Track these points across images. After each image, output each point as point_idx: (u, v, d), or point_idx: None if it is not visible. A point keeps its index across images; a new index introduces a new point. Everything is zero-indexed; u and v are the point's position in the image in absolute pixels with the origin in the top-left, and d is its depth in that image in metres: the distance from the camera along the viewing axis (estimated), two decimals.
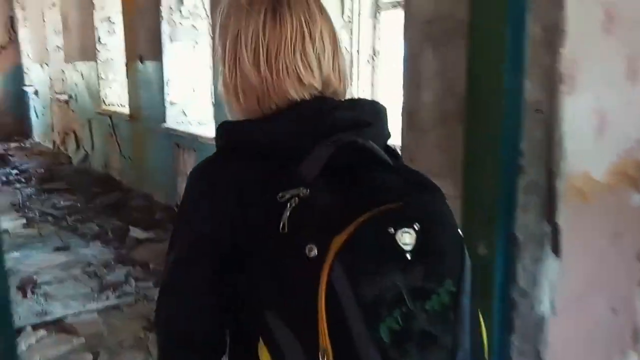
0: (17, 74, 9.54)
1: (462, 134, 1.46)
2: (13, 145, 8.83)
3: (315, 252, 0.62)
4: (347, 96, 0.84)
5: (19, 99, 9.58)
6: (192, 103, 4.73)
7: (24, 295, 3.21)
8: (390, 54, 3.39)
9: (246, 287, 0.72)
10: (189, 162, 4.47)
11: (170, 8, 4.56)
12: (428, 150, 1.73)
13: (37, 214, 4.96)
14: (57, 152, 7.96)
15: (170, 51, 4.65)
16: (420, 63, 1.73)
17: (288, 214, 0.65)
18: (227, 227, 0.72)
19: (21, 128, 9.60)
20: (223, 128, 0.79)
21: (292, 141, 0.73)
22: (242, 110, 0.80)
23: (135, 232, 4.20)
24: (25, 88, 9.25)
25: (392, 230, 0.62)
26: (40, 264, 3.74)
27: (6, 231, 4.45)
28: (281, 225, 0.65)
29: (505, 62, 1.24)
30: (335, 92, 0.80)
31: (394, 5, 3.27)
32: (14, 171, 6.77)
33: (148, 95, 5.12)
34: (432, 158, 1.71)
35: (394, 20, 3.32)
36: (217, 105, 4.07)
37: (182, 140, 4.57)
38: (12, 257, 3.85)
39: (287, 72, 0.76)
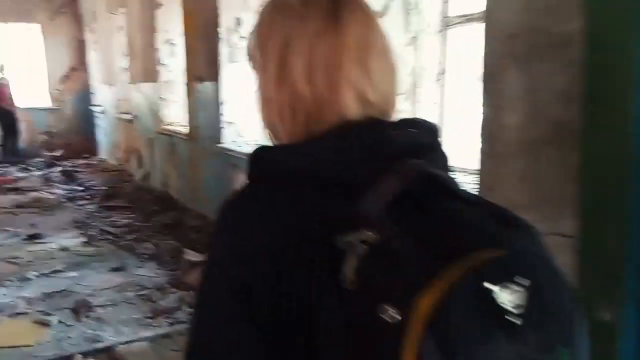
0: (86, 95, 9.99)
1: (557, 163, 1.27)
2: (81, 162, 9.19)
3: (394, 316, 0.49)
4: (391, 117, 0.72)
5: (88, 119, 10.02)
6: (249, 124, 4.67)
7: (78, 319, 3.18)
8: (460, 72, 3.18)
9: (296, 349, 0.60)
10: None
11: (229, 29, 4.55)
12: (511, 179, 1.55)
13: (97, 232, 5.03)
14: (121, 169, 8.19)
15: (227, 72, 4.62)
16: (503, 82, 1.56)
17: (354, 264, 0.53)
18: (264, 271, 0.61)
19: (89, 146, 10.01)
20: (258, 155, 0.67)
21: (346, 169, 0.61)
22: (286, 131, 0.68)
23: (190, 255, 4.14)
24: (93, 108, 9.65)
25: (491, 286, 0.48)
26: (96, 285, 3.73)
27: (66, 249, 4.52)
28: (344, 277, 0.53)
29: (635, 84, 1.01)
30: (387, 112, 0.70)
31: (465, 20, 3.05)
32: (79, 188, 6.98)
33: (205, 116, 5.13)
34: (516, 188, 1.52)
35: (465, 35, 3.11)
36: None
37: (238, 161, 4.50)
38: (70, 277, 3.88)
39: (347, 88, 0.65)
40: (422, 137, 0.67)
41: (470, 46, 3.08)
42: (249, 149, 4.56)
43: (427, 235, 0.53)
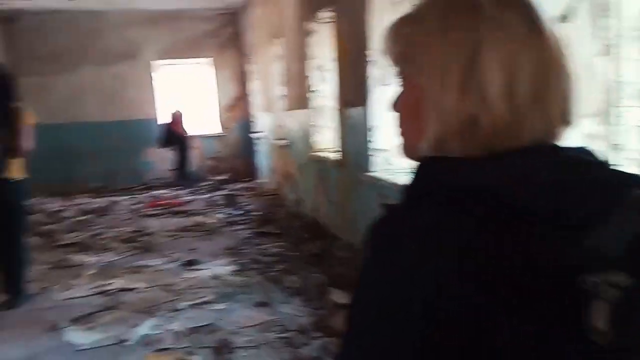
0: (249, 122, 10.57)
1: None
2: (242, 185, 9.67)
3: None
4: None
5: (249, 145, 10.57)
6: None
7: None
8: None
9: None
10: None
11: (379, 51, 4.23)
12: None
13: (248, 260, 5.03)
14: (277, 194, 8.37)
15: (377, 95, 4.30)
16: None
17: (606, 312, 0.45)
18: (436, 313, 0.52)
19: (250, 170, 10.55)
20: (433, 165, 0.59)
21: (562, 197, 0.52)
22: (464, 147, 0.58)
23: (335, 295, 3.84)
24: (253, 135, 10.14)
25: None
26: (240, 321, 3.62)
27: (218, 277, 4.55)
28: (590, 327, 0.46)
29: None
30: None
31: None
32: (238, 212, 7.23)
33: (355, 142, 4.87)
34: None
35: None
36: None
37: (387, 191, 4.12)
38: (217, 309, 3.83)
39: (554, 104, 0.58)
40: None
41: None
42: (399, 178, 4.21)
43: None
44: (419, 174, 0.60)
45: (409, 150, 0.66)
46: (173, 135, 9.68)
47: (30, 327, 3.66)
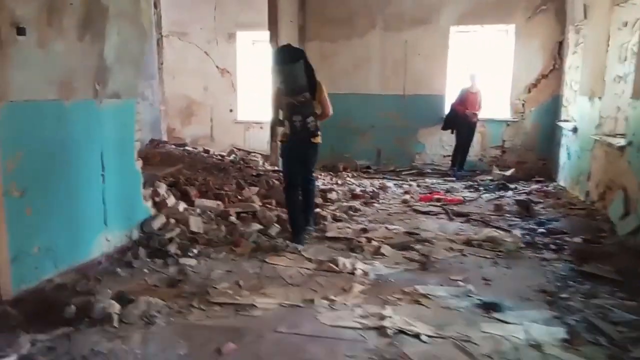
0: (552, 107, 8.41)
1: None
2: (533, 187, 7.72)
3: None
4: None
5: (549, 135, 8.45)
6: None
7: None
8: None
9: None
10: None
11: None
12: None
13: (580, 321, 3.29)
14: (592, 210, 6.22)
15: None
16: None
17: None
18: None
19: (545, 168, 8.48)
20: None
21: None
22: None
23: None
24: (561, 123, 7.97)
25: None
26: None
27: (538, 347, 2.96)
28: None
29: None
30: None
31: None
32: (539, 229, 5.42)
33: None
34: None
35: None
36: None
37: None
38: None
39: None
40: None
41: None
42: None
43: None
44: None
45: None
46: (459, 117, 8.26)
47: None
